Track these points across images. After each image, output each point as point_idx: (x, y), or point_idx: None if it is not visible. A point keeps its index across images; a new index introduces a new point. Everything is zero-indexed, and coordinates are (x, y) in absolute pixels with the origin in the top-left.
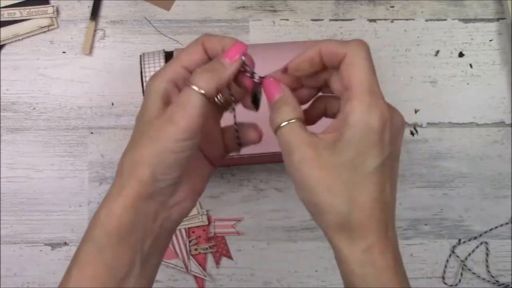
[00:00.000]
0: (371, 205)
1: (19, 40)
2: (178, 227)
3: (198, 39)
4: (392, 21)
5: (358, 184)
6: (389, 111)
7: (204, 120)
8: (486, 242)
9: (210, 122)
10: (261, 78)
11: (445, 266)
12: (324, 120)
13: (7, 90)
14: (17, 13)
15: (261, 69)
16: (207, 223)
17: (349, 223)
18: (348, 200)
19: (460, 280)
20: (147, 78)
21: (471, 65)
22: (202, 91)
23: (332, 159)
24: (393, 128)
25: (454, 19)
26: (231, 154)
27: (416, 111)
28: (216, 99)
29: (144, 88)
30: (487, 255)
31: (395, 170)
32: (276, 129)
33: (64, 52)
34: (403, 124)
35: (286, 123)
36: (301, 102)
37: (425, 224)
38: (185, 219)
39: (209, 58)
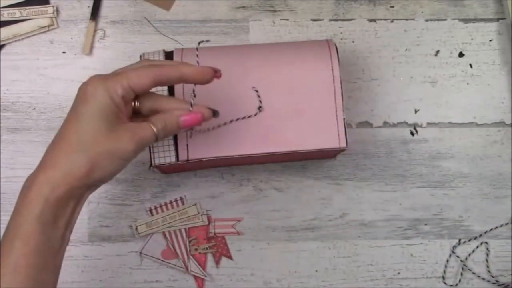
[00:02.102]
0: None
1: (19, 40)
2: (178, 227)
3: (151, 69)
4: (392, 21)
5: None
6: None
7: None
8: (486, 242)
9: None
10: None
11: (445, 266)
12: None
13: (7, 90)
14: (17, 13)
15: (260, 69)
16: (207, 223)
17: None
18: None
19: (460, 280)
20: None
21: (471, 65)
22: (155, 132)
23: None
24: None
25: (454, 19)
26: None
27: (416, 111)
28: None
29: (87, 88)
30: (487, 255)
31: None
32: None
33: (64, 52)
34: None
35: None
36: None
37: (425, 224)
38: (185, 219)
39: (157, 84)
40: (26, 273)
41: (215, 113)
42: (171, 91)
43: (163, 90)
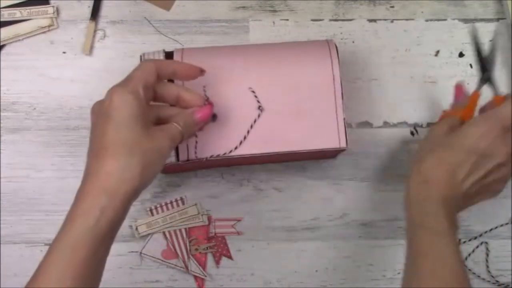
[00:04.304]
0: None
1: (19, 40)
2: (179, 227)
3: (150, 62)
4: (392, 21)
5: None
6: None
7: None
8: (486, 242)
9: None
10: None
11: None
12: None
13: (7, 90)
14: (17, 13)
15: (261, 69)
16: (207, 223)
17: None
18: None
19: None
20: None
21: (471, 65)
22: (181, 130)
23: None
24: None
25: (454, 19)
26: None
27: (416, 111)
28: None
29: (113, 97)
30: (487, 255)
31: None
32: None
33: (64, 52)
34: None
35: None
36: None
37: None
38: (185, 219)
39: (160, 78)
40: (71, 285)
41: (214, 117)
42: None
43: None
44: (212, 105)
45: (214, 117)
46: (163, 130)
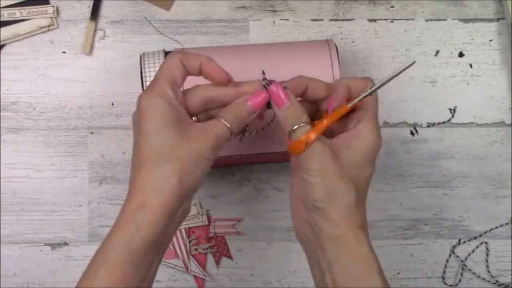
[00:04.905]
0: (363, 199)
1: (19, 40)
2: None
3: (175, 56)
4: (392, 21)
5: (360, 182)
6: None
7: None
8: (486, 242)
9: None
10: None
11: (445, 266)
12: None
13: (7, 90)
14: (17, 13)
15: (260, 69)
16: (207, 223)
17: (354, 207)
18: (356, 190)
19: (460, 280)
20: (148, 78)
21: (471, 65)
22: (228, 126)
23: (345, 158)
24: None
25: (454, 19)
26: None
27: (416, 111)
28: None
29: (141, 104)
30: (487, 255)
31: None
32: (290, 132)
33: (64, 52)
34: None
35: (297, 126)
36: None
37: (425, 224)
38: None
39: (187, 72)
40: None
41: (269, 104)
42: None
43: None
44: (265, 92)
45: (269, 104)
46: (204, 130)
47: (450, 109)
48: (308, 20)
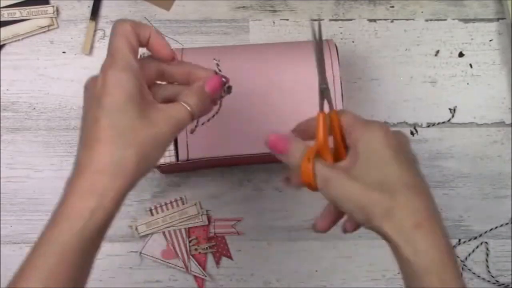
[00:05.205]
0: (405, 195)
1: (19, 40)
2: (178, 227)
3: (125, 23)
4: (392, 21)
5: (392, 180)
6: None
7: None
8: (486, 242)
9: None
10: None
11: None
12: None
13: (7, 90)
14: (17, 13)
15: (260, 69)
16: (207, 223)
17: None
18: (389, 191)
19: None
20: None
21: (471, 65)
22: (190, 110)
23: (358, 171)
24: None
25: (454, 19)
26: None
27: (416, 111)
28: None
29: (106, 78)
30: (487, 255)
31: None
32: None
33: (64, 52)
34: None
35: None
36: None
37: None
38: (185, 219)
39: (137, 37)
40: None
41: (229, 89)
42: None
43: None
44: (223, 76)
45: (229, 88)
46: (165, 111)
47: (450, 109)
48: (308, 20)
